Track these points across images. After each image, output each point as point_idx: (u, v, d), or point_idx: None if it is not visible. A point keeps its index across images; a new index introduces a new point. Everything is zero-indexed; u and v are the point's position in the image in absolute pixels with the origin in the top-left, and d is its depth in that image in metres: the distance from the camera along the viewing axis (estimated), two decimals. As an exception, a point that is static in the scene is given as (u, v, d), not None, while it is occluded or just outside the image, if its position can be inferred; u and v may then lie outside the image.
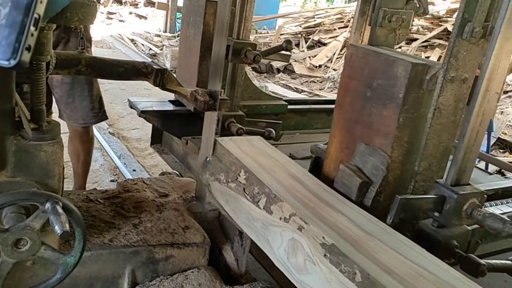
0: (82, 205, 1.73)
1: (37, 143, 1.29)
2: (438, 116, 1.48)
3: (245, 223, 1.54)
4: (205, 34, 2.46)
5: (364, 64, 1.59)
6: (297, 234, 1.28)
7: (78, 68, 1.66)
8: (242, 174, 1.57)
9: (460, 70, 1.44)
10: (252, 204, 1.48)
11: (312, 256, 1.21)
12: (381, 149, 1.51)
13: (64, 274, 1.25)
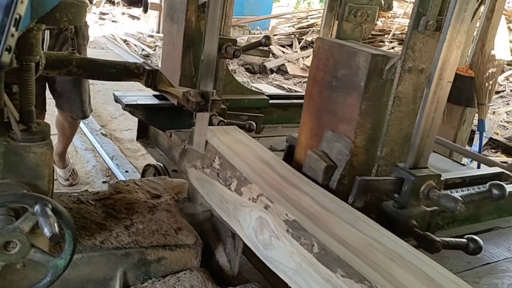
0: (73, 207, 1.71)
1: (26, 144, 1.27)
2: (398, 104, 1.58)
3: (218, 205, 1.64)
4: (187, 30, 2.53)
5: (330, 56, 1.68)
6: (263, 213, 1.38)
7: (69, 69, 1.65)
8: (217, 160, 1.65)
9: (417, 61, 1.54)
10: (224, 188, 1.57)
11: (276, 232, 1.32)
12: (346, 135, 1.61)
13: (55, 277, 1.24)
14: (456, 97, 4.66)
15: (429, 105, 1.50)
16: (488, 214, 2.76)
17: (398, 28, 9.25)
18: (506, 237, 2.67)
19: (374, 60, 1.54)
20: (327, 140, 1.66)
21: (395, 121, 1.60)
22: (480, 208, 2.68)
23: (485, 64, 4.58)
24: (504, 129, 6.57)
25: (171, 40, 2.70)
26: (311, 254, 1.20)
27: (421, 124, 1.51)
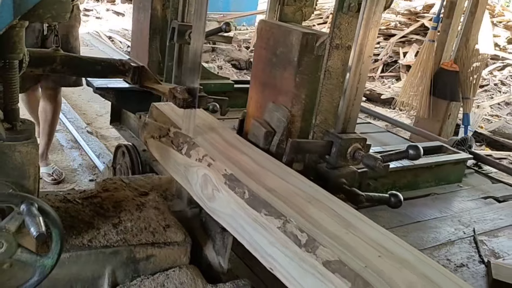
0: (60, 206, 1.70)
1: (11, 143, 1.26)
2: (328, 77, 1.82)
3: (172, 169, 1.83)
4: (153, 18, 2.79)
5: (270, 36, 1.91)
6: (207, 170, 1.58)
7: (53, 66, 1.63)
8: (172, 129, 1.83)
9: (343, 39, 1.77)
10: (177, 152, 1.75)
11: (217, 185, 1.52)
12: (284, 105, 1.84)
13: (42, 276, 1.23)
14: (441, 91, 4.73)
15: (352, 77, 1.71)
16: (426, 182, 3.18)
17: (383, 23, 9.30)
18: (440, 201, 3.06)
19: (305, 38, 1.77)
20: (268, 110, 1.89)
21: (327, 93, 1.83)
22: (418, 176, 3.14)
23: (470, 58, 4.63)
24: (488, 122, 6.67)
25: (138, 27, 2.92)
26: (243, 200, 1.41)
27: (347, 94, 1.73)
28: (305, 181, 1.53)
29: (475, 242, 2.63)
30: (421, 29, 8.68)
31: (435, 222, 2.81)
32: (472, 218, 2.91)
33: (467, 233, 2.73)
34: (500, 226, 2.82)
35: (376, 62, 8.55)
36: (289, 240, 1.24)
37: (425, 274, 1.16)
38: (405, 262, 1.18)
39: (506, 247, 2.57)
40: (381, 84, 8.03)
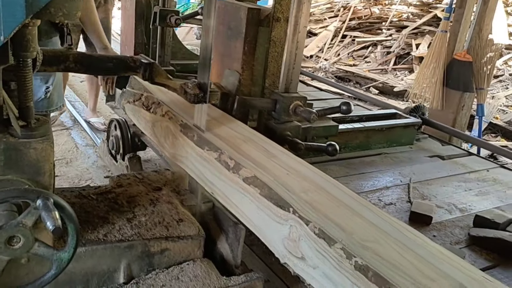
0: (75, 201, 1.73)
1: (26, 140, 1.28)
2: (273, 46, 2.18)
3: (143, 127, 2.13)
4: (138, 4, 3.15)
5: (225, 12, 2.24)
6: (168, 123, 1.91)
7: (66, 65, 1.65)
8: (144, 94, 2.09)
9: (284, 13, 2.07)
10: (146, 112, 2.06)
11: (175, 133, 1.87)
12: (236, 71, 2.16)
13: (59, 270, 1.25)
14: (455, 82, 4.68)
15: (290, 45, 2.03)
16: (378, 143, 3.57)
17: (395, 15, 9.21)
18: (388, 159, 3.47)
19: (250, 12, 2.09)
20: (225, 76, 2.19)
21: (273, 59, 2.19)
22: (370, 138, 3.53)
23: (483, 48, 4.57)
24: (504, 113, 6.57)
25: (126, 14, 3.29)
26: (192, 141, 1.76)
27: (287, 59, 2.04)
28: (248, 129, 1.80)
29: (408, 188, 3.01)
30: (434, 20, 8.58)
31: (378, 174, 3.20)
32: (413, 171, 3.28)
33: (403, 181, 3.11)
34: (436, 177, 3.22)
35: (389, 54, 8.48)
36: (222, 167, 1.58)
37: (324, 187, 1.48)
38: (309, 179, 1.51)
39: (435, 192, 2.93)
40: (393, 76, 7.96)
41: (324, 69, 8.25)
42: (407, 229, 1.32)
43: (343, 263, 1.16)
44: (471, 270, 1.19)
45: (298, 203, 1.34)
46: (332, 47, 9.06)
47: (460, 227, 2.58)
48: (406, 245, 1.23)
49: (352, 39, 9.16)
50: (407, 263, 1.16)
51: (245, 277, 1.67)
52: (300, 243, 1.28)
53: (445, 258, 1.22)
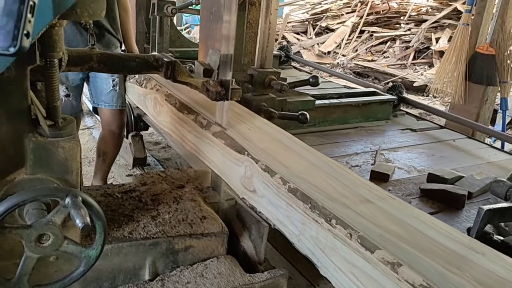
0: (101, 200, 1.75)
1: (54, 139, 1.30)
2: (250, 27, 2.44)
3: (137, 100, 2.60)
4: None
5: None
6: (156, 94, 2.28)
7: (90, 64, 1.67)
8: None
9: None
10: (139, 87, 2.50)
11: (161, 102, 2.22)
12: (218, 50, 2.24)
13: (87, 267, 1.27)
14: (477, 76, 4.59)
15: (263, 25, 2.26)
16: (355, 118, 3.94)
17: (414, 9, 9.09)
18: (363, 131, 3.81)
19: None
20: (209, 55, 2.36)
21: (250, 39, 2.44)
22: (347, 113, 3.89)
23: (506, 41, 4.48)
24: (528, 107, 6.43)
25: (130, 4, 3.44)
26: (175, 108, 2.09)
27: (261, 38, 2.24)
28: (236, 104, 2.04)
29: (375, 153, 3.31)
30: (454, 13, 8.44)
31: (351, 143, 3.54)
32: (383, 141, 3.62)
33: (373, 149, 3.42)
34: (403, 145, 3.56)
35: (408, 49, 8.38)
36: (197, 125, 1.94)
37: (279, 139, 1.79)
38: (268, 133, 1.83)
39: (399, 157, 3.25)
40: (413, 71, 7.86)
41: (342, 65, 8.20)
42: (341, 167, 1.64)
43: (280, 188, 1.48)
44: (379, 191, 1.50)
45: (253, 148, 1.68)
46: (350, 43, 8.99)
47: (414, 183, 2.88)
48: (333, 176, 1.56)
49: (370, 34, 9.08)
50: (329, 186, 1.49)
51: (269, 273, 1.67)
52: (252, 179, 1.62)
53: (362, 185, 1.53)
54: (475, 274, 1.14)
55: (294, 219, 1.44)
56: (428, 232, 1.30)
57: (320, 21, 9.83)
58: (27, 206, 1.24)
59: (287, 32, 9.77)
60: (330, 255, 1.32)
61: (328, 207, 1.35)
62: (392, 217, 1.35)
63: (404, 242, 1.23)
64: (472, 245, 1.27)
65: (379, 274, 1.16)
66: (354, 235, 1.24)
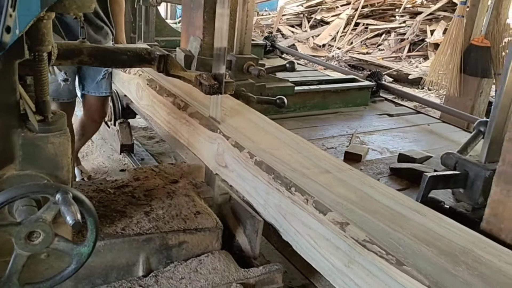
0: (93, 196, 1.73)
1: (44, 135, 1.28)
2: (232, 14, 2.53)
3: (121, 86, 2.86)
4: None
5: None
6: (139, 80, 2.52)
7: (80, 58, 1.65)
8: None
9: None
10: (124, 73, 2.74)
11: (143, 87, 2.46)
12: (198, 37, 2.58)
13: (79, 264, 1.25)
14: (472, 68, 4.59)
15: (241, 13, 2.48)
16: (334, 103, 4.11)
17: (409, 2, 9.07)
18: (342, 116, 3.98)
19: None
20: (190, 42, 2.57)
21: (230, 27, 2.29)
22: (326, 98, 4.06)
23: (501, 33, 4.47)
24: (522, 99, 6.43)
25: None
26: (155, 91, 2.31)
27: (239, 26, 2.42)
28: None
29: (351, 136, 3.46)
30: (449, 5, 8.42)
31: (328, 127, 3.68)
32: (360, 125, 3.78)
33: (349, 132, 3.57)
34: (378, 129, 3.70)
35: (403, 41, 8.36)
36: (175, 107, 2.10)
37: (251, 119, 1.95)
38: (241, 114, 1.98)
39: (373, 140, 3.36)
40: (408, 64, 7.84)
41: (337, 58, 8.17)
42: (306, 143, 1.79)
43: (248, 162, 1.63)
44: (340, 164, 1.66)
45: (225, 127, 1.83)
46: (345, 36, 8.96)
47: (385, 163, 3.00)
48: (297, 151, 1.69)
49: (365, 26, 9.05)
50: (292, 159, 1.63)
51: (264, 268, 1.66)
52: (224, 155, 1.78)
53: (325, 159, 1.68)
54: (415, 231, 1.28)
55: (260, 190, 1.59)
56: (378, 197, 1.44)
57: (315, 14, 9.78)
58: (17, 203, 1.21)
59: (282, 25, 9.72)
60: (291, 220, 1.47)
61: (289, 177, 1.49)
62: (347, 184, 1.50)
63: (354, 205, 1.37)
64: (417, 208, 1.41)
65: (330, 233, 1.31)
66: (310, 200, 1.38)
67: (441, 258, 1.18)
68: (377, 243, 1.19)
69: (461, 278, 1.11)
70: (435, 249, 1.21)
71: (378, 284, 1.17)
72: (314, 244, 1.38)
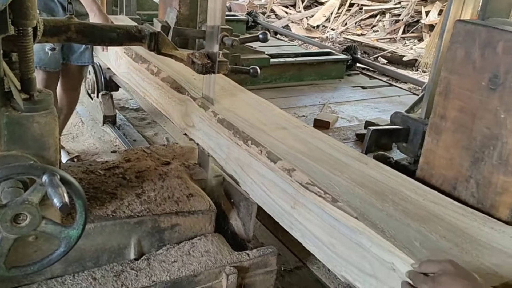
0: (83, 177, 1.69)
1: (29, 114, 1.23)
2: None
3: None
4: None
5: None
6: (117, 48, 2.57)
7: (68, 35, 1.59)
8: None
9: None
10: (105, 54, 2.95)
11: (121, 55, 2.58)
12: (175, 8, 2.76)
13: (68, 247, 1.22)
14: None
15: None
16: (309, 75, 4.29)
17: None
18: (317, 88, 4.20)
19: None
20: (167, 13, 2.68)
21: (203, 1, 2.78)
22: (302, 71, 4.24)
23: (498, 14, 4.42)
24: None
25: None
26: (131, 59, 2.44)
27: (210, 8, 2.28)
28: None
29: (323, 106, 3.64)
30: (444, -13, 8.33)
31: (302, 97, 3.88)
32: (333, 96, 3.98)
33: (321, 102, 3.76)
34: (350, 100, 3.91)
35: (397, 23, 8.28)
36: (148, 73, 2.27)
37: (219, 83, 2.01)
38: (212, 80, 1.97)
39: (344, 109, 3.55)
40: (402, 45, 7.78)
41: (331, 39, 8.09)
42: (268, 104, 1.95)
43: (212, 120, 1.78)
44: (298, 122, 1.83)
45: (192, 89, 2.00)
46: (339, 17, 8.86)
47: (352, 130, 3.20)
48: (258, 110, 1.81)
49: (360, 7, 8.95)
50: (252, 117, 1.77)
51: (257, 251, 1.64)
52: (192, 115, 1.92)
53: (284, 117, 1.84)
54: (353, 175, 1.44)
55: (222, 145, 1.74)
56: (326, 148, 1.62)
57: (309, -6, 9.65)
58: (2, 185, 1.17)
59: (276, 5, 9.58)
60: (248, 171, 1.62)
61: (247, 132, 1.64)
62: (300, 139, 1.67)
63: (303, 155, 1.54)
64: (359, 158, 1.58)
65: (279, 179, 1.46)
66: (264, 151, 1.54)
67: (371, 196, 1.33)
68: (318, 184, 1.35)
69: (386, 212, 1.26)
70: (368, 190, 1.36)
71: (317, 220, 1.33)
72: (266, 190, 1.53)
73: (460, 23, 1.59)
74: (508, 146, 1.44)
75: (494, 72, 1.46)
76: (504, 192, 1.45)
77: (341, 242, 1.25)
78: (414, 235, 1.17)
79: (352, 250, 1.22)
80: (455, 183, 1.60)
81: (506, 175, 1.44)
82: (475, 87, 1.52)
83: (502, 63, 1.45)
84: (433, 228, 1.21)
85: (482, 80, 1.49)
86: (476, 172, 1.52)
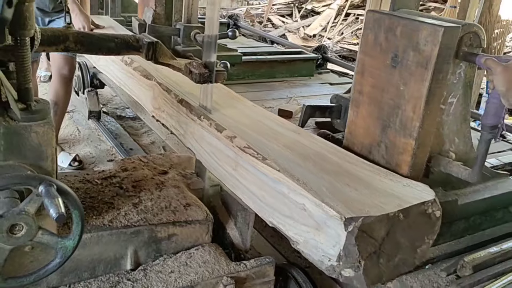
0: (80, 187, 1.68)
1: (27, 124, 1.23)
2: None
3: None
4: None
5: None
6: None
7: (66, 45, 1.59)
8: None
9: None
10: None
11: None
12: (152, 8, 2.88)
13: (64, 258, 1.21)
14: (463, 59, 4.57)
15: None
16: (281, 73, 4.50)
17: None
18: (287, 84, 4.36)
19: None
20: (144, 12, 2.83)
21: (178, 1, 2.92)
22: (274, 68, 4.46)
23: (493, 24, 4.47)
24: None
25: None
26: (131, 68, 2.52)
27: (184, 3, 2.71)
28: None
29: (290, 99, 3.78)
30: (440, -3, 8.40)
31: (272, 92, 3.99)
32: (302, 91, 4.13)
33: (289, 96, 3.92)
34: (316, 94, 4.06)
35: (393, 32, 8.32)
36: (122, 63, 2.53)
37: None
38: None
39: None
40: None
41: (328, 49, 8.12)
42: (226, 89, 2.19)
43: (173, 101, 2.04)
44: (249, 103, 2.08)
45: (159, 77, 2.25)
46: (336, 26, 8.91)
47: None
48: (216, 94, 1.92)
49: (356, 17, 9.00)
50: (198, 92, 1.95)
51: (255, 261, 1.63)
52: (158, 99, 2.17)
53: (238, 100, 2.10)
54: (286, 143, 1.68)
55: (181, 122, 1.98)
56: (267, 122, 1.87)
57: (305, 4, 9.71)
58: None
59: (272, 14, 9.64)
60: (201, 142, 1.85)
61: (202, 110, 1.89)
62: (247, 115, 1.91)
63: (246, 127, 1.78)
64: (295, 130, 1.84)
65: (223, 146, 1.71)
66: (213, 123, 1.77)
67: (296, 157, 1.58)
68: (253, 148, 1.59)
69: (306, 168, 1.51)
70: (295, 153, 1.62)
71: (252, 177, 1.57)
72: (214, 157, 1.76)
73: (370, 13, 1.83)
74: (406, 113, 1.69)
75: (395, 52, 1.71)
76: (404, 152, 1.72)
77: (268, 193, 1.50)
78: (324, 184, 1.42)
79: (276, 199, 1.47)
80: (370, 147, 1.85)
81: (405, 138, 1.71)
82: (382, 66, 1.77)
83: (400, 45, 1.69)
84: (341, 179, 1.47)
85: (387, 59, 1.74)
86: (385, 137, 1.79)
